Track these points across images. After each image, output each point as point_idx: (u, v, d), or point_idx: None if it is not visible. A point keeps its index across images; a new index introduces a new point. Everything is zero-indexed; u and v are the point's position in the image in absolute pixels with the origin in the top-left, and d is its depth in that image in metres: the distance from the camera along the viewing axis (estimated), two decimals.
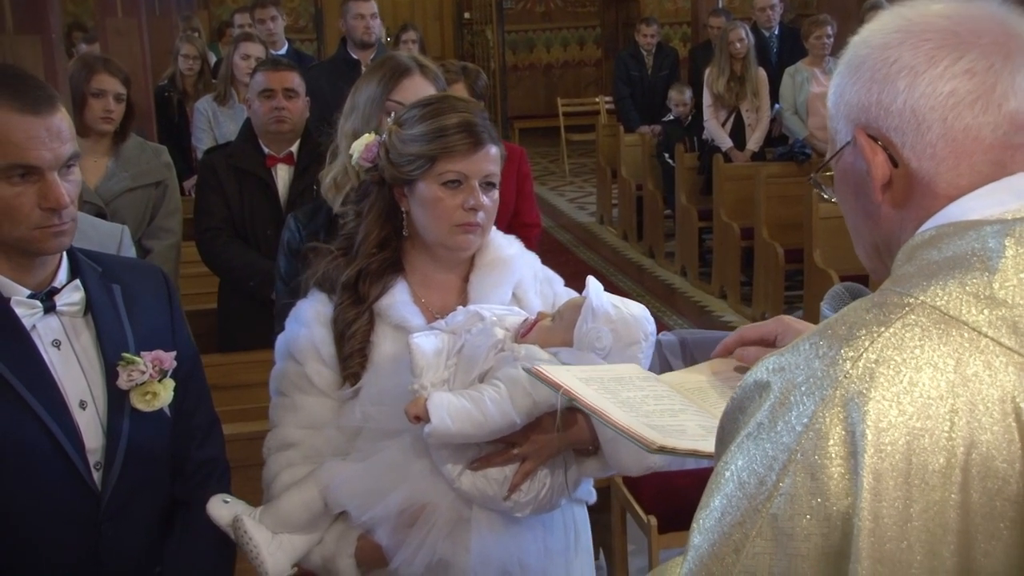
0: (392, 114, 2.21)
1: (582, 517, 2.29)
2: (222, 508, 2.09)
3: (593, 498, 2.30)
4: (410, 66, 2.74)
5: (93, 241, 2.73)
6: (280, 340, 2.20)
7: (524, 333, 2.05)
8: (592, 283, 2.04)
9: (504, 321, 2.06)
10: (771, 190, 7.21)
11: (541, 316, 2.08)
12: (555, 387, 1.65)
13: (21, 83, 1.87)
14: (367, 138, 2.20)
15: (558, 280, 2.32)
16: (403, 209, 2.14)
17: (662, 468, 2.13)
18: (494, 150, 2.11)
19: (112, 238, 2.99)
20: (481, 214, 2.09)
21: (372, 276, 2.12)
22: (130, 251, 3.08)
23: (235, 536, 2.06)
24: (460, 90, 3.94)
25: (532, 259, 2.27)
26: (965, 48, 1.16)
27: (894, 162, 1.19)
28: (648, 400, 1.61)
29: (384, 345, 2.10)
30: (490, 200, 2.11)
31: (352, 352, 2.09)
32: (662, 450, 1.45)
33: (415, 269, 2.17)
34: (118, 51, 6.73)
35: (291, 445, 2.12)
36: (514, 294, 2.19)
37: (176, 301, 2.17)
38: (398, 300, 2.12)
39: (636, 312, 2.02)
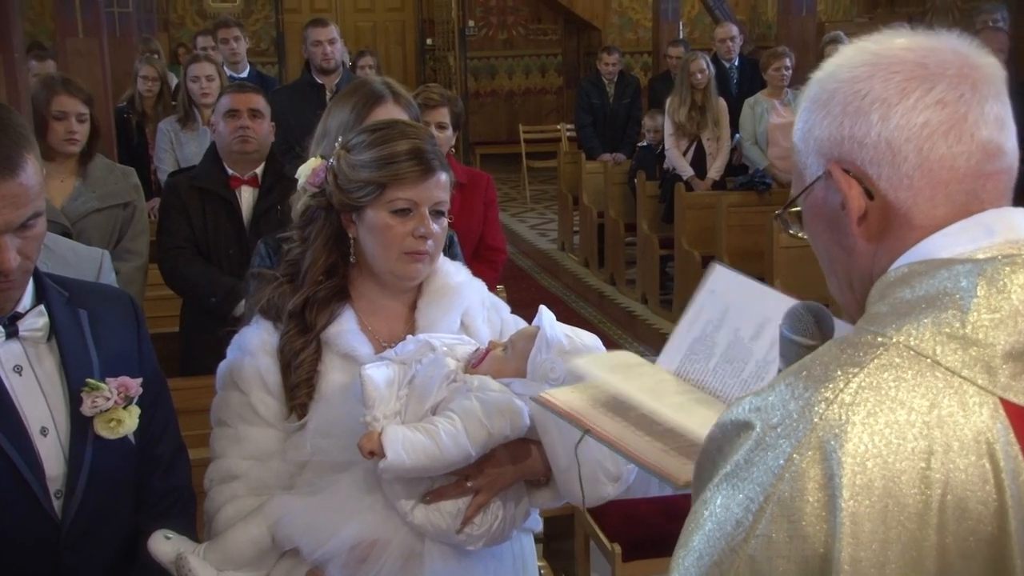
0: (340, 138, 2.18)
1: (529, 546, 2.28)
2: (164, 544, 2.02)
3: (539, 527, 2.30)
4: (383, 93, 2.71)
5: (72, 265, 2.69)
6: (222, 368, 2.15)
7: (476, 363, 2.03)
8: (545, 313, 2.02)
9: (455, 351, 2.04)
10: (732, 219, 7.27)
11: (493, 346, 2.06)
12: (568, 418, 1.62)
13: None
14: (314, 162, 2.17)
15: (504, 307, 2.30)
16: (351, 235, 2.11)
17: (616, 497, 2.11)
18: (444, 177, 2.08)
19: (92, 263, 2.94)
20: (430, 242, 2.07)
21: (319, 304, 2.09)
22: (110, 275, 3.03)
23: (178, 574, 2.00)
24: (443, 114, 3.98)
25: (480, 286, 2.25)
26: (934, 80, 1.17)
27: (869, 195, 1.19)
28: (665, 385, 1.58)
29: (332, 375, 2.07)
30: (439, 227, 2.09)
31: (299, 382, 2.05)
32: (688, 485, 1.44)
33: (362, 296, 2.14)
34: (79, 71, 6.63)
35: (235, 477, 2.08)
36: (462, 322, 2.18)
37: (144, 327, 2.13)
38: (345, 328, 2.09)
39: (588, 342, 2.01)
